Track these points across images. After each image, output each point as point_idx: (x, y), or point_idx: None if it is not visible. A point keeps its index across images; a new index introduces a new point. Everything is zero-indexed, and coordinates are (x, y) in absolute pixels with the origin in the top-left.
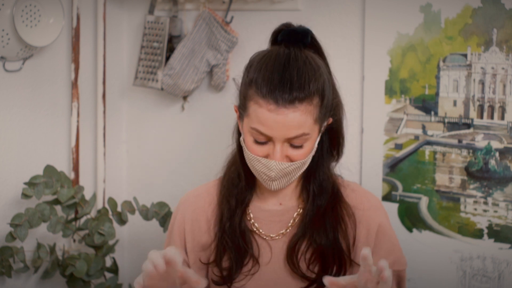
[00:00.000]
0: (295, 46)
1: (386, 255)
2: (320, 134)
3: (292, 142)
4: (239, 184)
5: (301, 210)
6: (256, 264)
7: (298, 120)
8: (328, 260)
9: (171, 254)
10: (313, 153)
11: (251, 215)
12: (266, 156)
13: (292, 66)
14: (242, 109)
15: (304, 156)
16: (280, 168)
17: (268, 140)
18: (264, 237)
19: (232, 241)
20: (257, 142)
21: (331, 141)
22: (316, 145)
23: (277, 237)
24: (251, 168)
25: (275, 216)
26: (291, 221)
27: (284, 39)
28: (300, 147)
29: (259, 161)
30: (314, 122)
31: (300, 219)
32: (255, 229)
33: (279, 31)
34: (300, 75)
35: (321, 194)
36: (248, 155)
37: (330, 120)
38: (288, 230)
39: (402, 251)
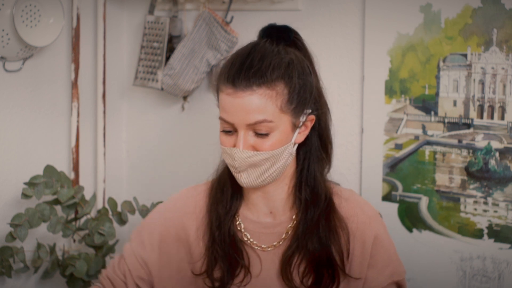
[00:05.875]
0: (276, 42)
1: (383, 267)
2: (297, 130)
3: (255, 130)
4: (226, 191)
5: (295, 223)
6: (248, 274)
7: (257, 104)
8: (322, 272)
9: None
10: (290, 149)
11: (242, 226)
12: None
13: (256, 53)
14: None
15: (271, 147)
16: (242, 156)
17: (234, 129)
18: (255, 247)
19: (223, 251)
20: (225, 133)
21: (321, 146)
22: (293, 141)
23: (269, 249)
24: (226, 163)
25: (267, 228)
26: (284, 234)
27: (265, 34)
28: (266, 136)
29: (225, 152)
30: (280, 111)
31: (293, 232)
32: (246, 239)
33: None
34: (263, 61)
35: (314, 202)
36: (221, 149)
37: (313, 118)
38: (281, 243)
39: (400, 259)
